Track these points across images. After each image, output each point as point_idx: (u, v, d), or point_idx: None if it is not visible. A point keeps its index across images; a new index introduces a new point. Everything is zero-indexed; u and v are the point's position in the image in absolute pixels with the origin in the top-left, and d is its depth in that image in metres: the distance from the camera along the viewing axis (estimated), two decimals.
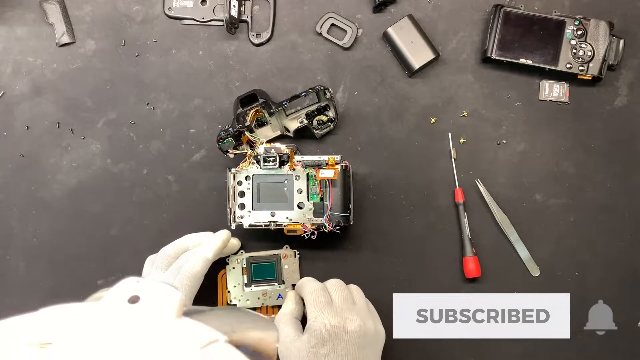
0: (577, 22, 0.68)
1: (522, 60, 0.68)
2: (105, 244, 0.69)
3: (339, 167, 0.62)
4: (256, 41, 0.70)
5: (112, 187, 0.69)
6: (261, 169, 0.63)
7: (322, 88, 0.66)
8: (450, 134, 0.69)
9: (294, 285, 0.66)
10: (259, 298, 0.66)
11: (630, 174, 0.69)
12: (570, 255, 0.68)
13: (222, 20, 0.68)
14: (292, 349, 0.54)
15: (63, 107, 0.70)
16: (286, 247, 0.67)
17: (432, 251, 0.68)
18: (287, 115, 0.67)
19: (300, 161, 0.63)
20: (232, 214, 0.63)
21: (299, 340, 0.54)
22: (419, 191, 0.69)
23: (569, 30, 0.68)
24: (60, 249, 0.69)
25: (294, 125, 0.67)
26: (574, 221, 0.69)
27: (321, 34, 0.70)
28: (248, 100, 0.65)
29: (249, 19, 0.70)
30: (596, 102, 0.70)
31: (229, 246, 0.65)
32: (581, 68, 0.67)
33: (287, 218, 0.63)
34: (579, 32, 0.67)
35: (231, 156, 0.65)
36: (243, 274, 0.66)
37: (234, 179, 0.64)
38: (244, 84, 0.70)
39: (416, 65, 0.68)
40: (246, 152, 0.64)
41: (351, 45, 0.70)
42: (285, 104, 0.66)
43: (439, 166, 0.69)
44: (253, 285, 0.66)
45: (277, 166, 0.63)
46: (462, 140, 0.69)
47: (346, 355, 0.53)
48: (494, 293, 0.68)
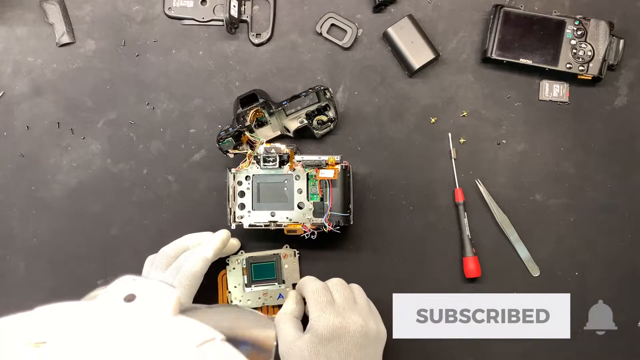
0: (577, 22, 0.68)
1: (522, 60, 0.68)
2: (105, 244, 0.69)
3: (339, 167, 0.62)
4: (256, 41, 0.70)
5: (112, 187, 0.69)
6: (261, 169, 0.63)
7: (322, 88, 0.66)
8: (450, 134, 0.69)
9: (294, 285, 0.66)
10: (259, 298, 0.66)
11: (630, 174, 0.69)
12: (570, 255, 0.68)
13: (222, 20, 0.68)
14: (293, 349, 0.54)
15: (63, 107, 0.70)
16: (286, 247, 0.67)
17: (432, 251, 0.68)
18: (287, 115, 0.67)
19: (300, 161, 0.63)
20: (232, 214, 0.63)
21: (300, 340, 0.54)
22: (419, 191, 0.69)
23: (569, 30, 0.68)
24: (60, 249, 0.69)
25: (294, 125, 0.67)
26: (574, 221, 0.69)
27: (321, 34, 0.70)
28: (248, 100, 0.65)
29: (249, 19, 0.70)
30: (596, 102, 0.70)
31: (228, 246, 0.65)
32: (581, 68, 0.67)
33: (287, 218, 0.63)
34: (579, 32, 0.67)
35: (231, 156, 0.65)
36: (243, 274, 0.66)
37: (234, 179, 0.64)
38: (244, 84, 0.70)
39: (416, 65, 0.68)
40: (246, 152, 0.64)
41: (351, 45, 0.70)
42: (285, 104, 0.66)
43: (439, 166, 0.69)
44: (253, 285, 0.66)
45: (277, 166, 0.63)
46: (462, 140, 0.69)
47: (348, 355, 0.53)
48: (494, 293, 0.68)
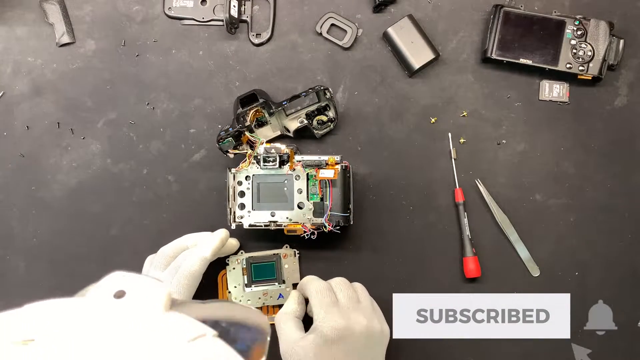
0: (577, 22, 0.68)
1: (522, 60, 0.68)
2: (105, 244, 0.69)
3: (339, 167, 0.62)
4: (256, 41, 0.70)
5: (112, 187, 0.69)
6: (261, 169, 0.63)
7: (322, 88, 0.66)
8: (450, 134, 0.69)
9: (294, 285, 0.66)
10: (259, 298, 0.66)
11: (630, 174, 0.69)
12: (570, 255, 0.68)
13: (222, 20, 0.68)
14: (297, 349, 0.54)
15: (63, 107, 0.70)
16: (286, 247, 0.67)
17: (432, 251, 0.68)
18: (287, 115, 0.67)
19: (300, 161, 0.63)
20: (232, 214, 0.63)
21: (304, 341, 0.54)
22: (419, 191, 0.69)
23: (569, 30, 0.68)
24: (60, 249, 0.69)
25: (294, 125, 0.67)
26: (574, 221, 0.69)
27: (321, 34, 0.70)
28: (248, 100, 0.65)
29: (249, 19, 0.70)
30: (596, 102, 0.70)
31: (227, 246, 0.65)
32: (581, 68, 0.67)
33: (287, 218, 0.63)
34: (579, 32, 0.67)
35: (231, 156, 0.65)
36: (243, 274, 0.66)
37: (234, 179, 0.64)
38: (244, 84, 0.70)
39: (416, 65, 0.68)
40: (246, 152, 0.64)
41: (351, 45, 0.70)
42: (285, 104, 0.66)
43: (439, 166, 0.69)
44: (253, 286, 0.66)
45: (277, 166, 0.63)
46: (462, 140, 0.69)
47: (353, 356, 0.53)
48: (494, 293, 0.68)
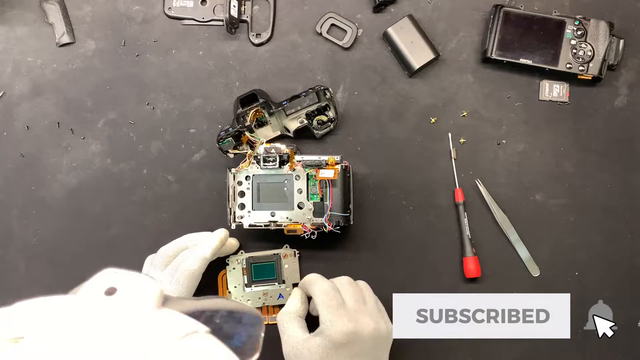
0: (577, 22, 0.68)
1: (522, 60, 0.68)
2: (105, 244, 0.69)
3: (339, 167, 0.62)
4: (256, 41, 0.70)
5: (112, 187, 0.69)
6: (261, 169, 0.63)
7: (322, 88, 0.66)
8: (450, 134, 0.69)
9: (294, 285, 0.66)
10: (259, 298, 0.66)
11: (630, 174, 0.69)
12: (570, 255, 0.68)
13: (222, 20, 0.68)
14: (302, 351, 0.53)
15: (63, 107, 0.70)
16: (286, 247, 0.67)
17: (432, 251, 0.68)
18: (287, 115, 0.67)
19: (300, 161, 0.63)
20: (232, 214, 0.63)
21: (309, 342, 0.53)
22: (419, 191, 0.69)
23: (569, 30, 0.68)
24: (60, 249, 0.69)
25: (294, 125, 0.67)
26: (574, 221, 0.69)
27: (321, 34, 0.70)
28: (248, 100, 0.65)
29: (249, 19, 0.70)
30: (596, 102, 0.70)
31: (227, 246, 0.65)
32: (581, 68, 0.67)
33: (287, 218, 0.63)
34: (579, 32, 0.67)
35: (231, 156, 0.65)
36: (243, 274, 0.66)
37: (234, 179, 0.64)
38: (244, 84, 0.70)
39: (416, 65, 0.68)
40: (246, 152, 0.64)
41: (351, 45, 0.70)
42: (285, 104, 0.66)
43: (439, 166, 0.69)
44: (253, 286, 0.66)
45: (277, 166, 0.63)
46: (462, 140, 0.69)
47: (361, 357, 0.52)
48: (494, 293, 0.68)
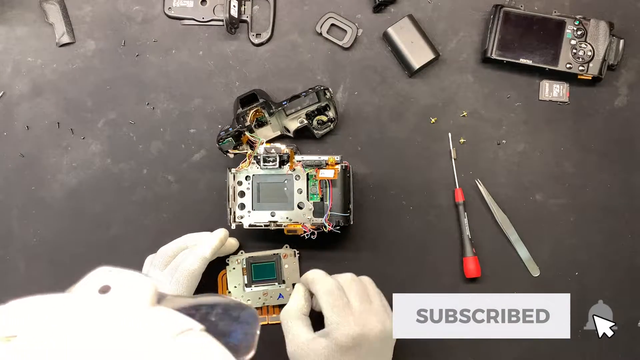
0: (577, 22, 0.68)
1: (522, 60, 0.68)
2: (105, 244, 0.69)
3: (339, 167, 0.62)
4: (256, 41, 0.70)
5: (112, 187, 0.69)
6: (261, 169, 0.63)
7: (322, 88, 0.66)
8: (450, 134, 0.69)
9: (294, 285, 0.65)
10: (259, 298, 0.66)
11: (630, 174, 0.69)
12: (570, 255, 0.68)
13: (222, 20, 0.68)
14: (308, 352, 0.53)
15: (63, 107, 0.70)
16: (286, 247, 0.67)
17: (432, 251, 0.68)
18: (287, 115, 0.67)
19: (300, 161, 0.63)
20: (232, 214, 0.63)
21: (315, 343, 0.53)
22: (419, 191, 0.69)
23: (569, 30, 0.68)
24: (60, 249, 0.69)
25: (294, 125, 0.67)
26: (574, 221, 0.69)
27: (321, 34, 0.70)
28: (248, 100, 0.65)
29: (249, 19, 0.70)
30: (596, 102, 0.70)
31: (226, 245, 0.65)
32: (581, 68, 0.67)
33: (287, 218, 0.63)
34: (579, 32, 0.67)
35: (231, 156, 0.65)
36: (243, 274, 0.66)
37: (234, 179, 0.64)
38: (244, 84, 0.70)
39: (416, 65, 0.68)
40: (246, 152, 0.64)
41: (351, 45, 0.70)
42: (285, 104, 0.66)
43: (439, 166, 0.69)
44: (253, 285, 0.66)
45: (277, 166, 0.63)
46: (462, 140, 0.69)
47: (367, 359, 0.53)
48: (494, 293, 0.68)
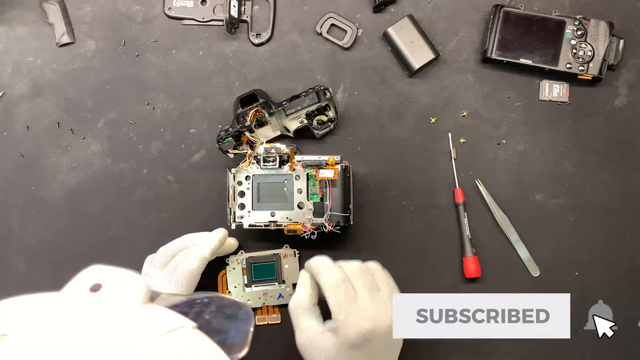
0: (577, 22, 0.68)
1: (522, 60, 0.68)
2: (105, 244, 0.69)
3: (339, 167, 0.62)
4: (256, 41, 0.70)
5: (112, 187, 0.69)
6: (261, 169, 0.63)
7: (322, 88, 0.66)
8: (450, 134, 0.69)
9: (294, 285, 0.66)
10: (259, 298, 0.66)
11: (630, 174, 0.69)
12: (570, 255, 0.68)
13: (222, 20, 0.68)
14: (317, 345, 0.53)
15: (63, 107, 0.70)
16: (286, 247, 0.67)
17: (432, 251, 0.68)
18: (287, 115, 0.67)
19: (300, 161, 0.63)
20: (232, 214, 0.63)
21: (324, 338, 0.53)
22: (419, 191, 0.69)
23: (569, 30, 0.68)
24: (60, 249, 0.69)
25: (294, 125, 0.67)
26: (574, 221, 0.69)
27: (321, 34, 0.70)
28: (248, 100, 0.65)
29: (249, 19, 0.70)
30: (596, 102, 0.70)
31: (226, 245, 0.65)
32: (581, 68, 0.67)
33: (287, 218, 0.63)
34: (579, 32, 0.67)
35: (231, 156, 0.65)
36: (243, 274, 0.66)
37: (234, 179, 0.64)
38: (244, 84, 0.70)
39: (416, 65, 0.68)
40: (246, 152, 0.64)
41: (351, 45, 0.70)
42: (285, 104, 0.66)
43: (439, 166, 0.69)
44: (253, 285, 0.66)
45: (277, 166, 0.63)
46: (462, 140, 0.69)
47: (378, 353, 0.52)
48: (494, 293, 0.68)
